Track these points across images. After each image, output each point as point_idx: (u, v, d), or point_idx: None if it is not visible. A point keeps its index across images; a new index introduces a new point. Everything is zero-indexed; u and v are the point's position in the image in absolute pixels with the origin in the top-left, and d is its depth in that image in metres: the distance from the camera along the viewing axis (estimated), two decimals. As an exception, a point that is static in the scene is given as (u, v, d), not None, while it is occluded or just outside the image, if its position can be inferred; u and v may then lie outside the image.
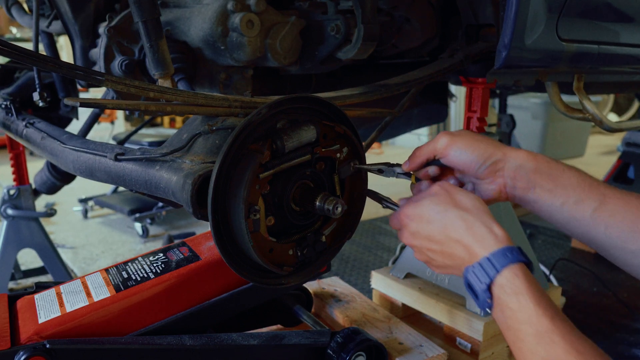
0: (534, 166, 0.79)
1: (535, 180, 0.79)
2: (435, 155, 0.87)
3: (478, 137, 0.83)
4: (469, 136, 0.84)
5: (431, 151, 0.86)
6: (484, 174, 0.83)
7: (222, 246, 0.85)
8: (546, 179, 0.78)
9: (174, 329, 1.07)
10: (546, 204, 0.79)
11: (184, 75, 1.25)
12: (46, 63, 0.81)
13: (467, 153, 0.82)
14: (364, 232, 3.06)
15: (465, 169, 0.84)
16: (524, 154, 0.81)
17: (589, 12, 1.30)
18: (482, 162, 0.82)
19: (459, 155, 0.83)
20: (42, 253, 2.07)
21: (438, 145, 0.85)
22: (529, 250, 1.60)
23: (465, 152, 0.82)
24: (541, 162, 0.79)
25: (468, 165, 0.83)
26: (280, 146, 0.85)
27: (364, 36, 1.21)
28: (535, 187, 0.79)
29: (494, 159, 0.81)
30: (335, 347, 1.10)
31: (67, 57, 4.82)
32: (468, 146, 0.82)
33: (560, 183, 0.77)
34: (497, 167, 0.81)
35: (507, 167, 0.81)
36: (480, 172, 0.83)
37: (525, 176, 0.80)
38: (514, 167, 0.80)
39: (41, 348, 0.90)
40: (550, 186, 0.78)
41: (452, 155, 0.84)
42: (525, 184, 0.80)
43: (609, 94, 6.06)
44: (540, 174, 0.79)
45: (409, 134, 5.88)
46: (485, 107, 1.54)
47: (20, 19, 1.77)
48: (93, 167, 1.05)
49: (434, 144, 0.86)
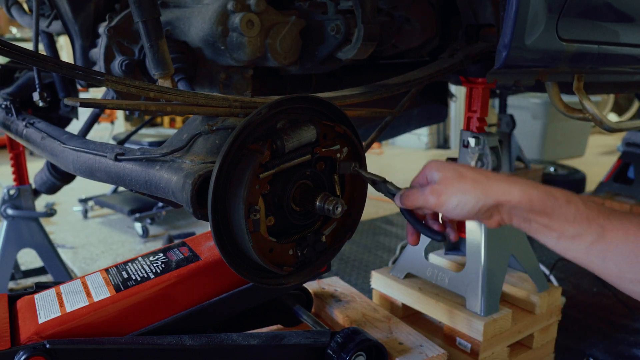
0: (528, 206, 0.78)
1: (531, 217, 0.79)
2: (428, 208, 0.87)
3: (465, 186, 0.81)
4: (454, 191, 0.82)
5: (423, 205, 0.86)
6: (480, 219, 0.84)
7: (222, 246, 0.85)
8: (541, 215, 0.78)
9: (174, 329, 1.06)
10: (542, 237, 0.79)
11: (184, 75, 1.25)
12: (46, 63, 0.81)
13: (457, 210, 0.82)
14: (364, 232, 3.06)
15: (460, 220, 0.86)
16: (517, 194, 0.79)
17: (589, 12, 1.30)
18: (475, 214, 0.82)
19: (451, 212, 0.83)
20: (42, 253, 2.07)
21: (429, 203, 0.84)
22: (529, 250, 1.60)
23: (455, 209, 0.82)
24: (535, 200, 0.78)
25: (462, 218, 0.84)
26: (280, 146, 0.85)
27: (364, 36, 1.21)
28: (530, 222, 0.79)
29: (486, 208, 0.81)
30: (335, 347, 1.10)
31: (67, 57, 4.82)
32: (456, 204, 0.81)
33: (557, 218, 0.77)
34: (492, 211, 0.82)
35: (502, 211, 0.81)
36: (477, 219, 0.84)
37: (520, 215, 0.80)
38: (508, 209, 0.80)
39: (41, 348, 0.90)
40: (545, 221, 0.78)
41: (444, 212, 0.84)
42: (521, 220, 0.80)
43: (609, 94, 6.06)
44: (535, 212, 0.78)
45: (409, 134, 5.89)
46: (485, 107, 1.54)
47: (20, 19, 1.77)
48: (93, 167, 1.05)
49: (423, 200, 0.85)
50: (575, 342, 1.83)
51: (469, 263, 1.47)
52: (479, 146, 1.49)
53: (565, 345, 1.78)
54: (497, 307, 1.43)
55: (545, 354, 1.61)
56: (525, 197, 0.78)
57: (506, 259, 1.50)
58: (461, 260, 1.69)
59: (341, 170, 0.96)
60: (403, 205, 0.89)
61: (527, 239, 1.62)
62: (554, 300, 1.56)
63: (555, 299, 1.57)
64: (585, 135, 5.32)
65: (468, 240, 1.49)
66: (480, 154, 1.50)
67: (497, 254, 1.46)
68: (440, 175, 0.84)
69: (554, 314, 1.58)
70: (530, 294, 1.53)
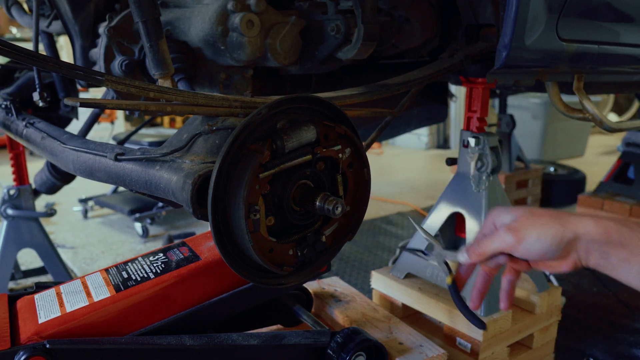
0: (605, 238, 0.77)
1: (609, 251, 0.77)
2: (504, 251, 0.84)
3: (542, 220, 0.80)
4: (532, 225, 0.80)
5: (499, 248, 0.83)
6: (558, 257, 0.81)
7: (222, 246, 0.85)
8: (619, 248, 0.76)
9: (174, 329, 1.06)
10: (622, 271, 0.77)
11: (184, 75, 1.25)
12: (46, 63, 0.81)
13: (538, 245, 0.79)
14: (364, 232, 3.06)
15: (539, 259, 0.82)
16: (593, 226, 0.78)
17: (589, 12, 1.30)
18: (555, 249, 0.79)
19: (530, 249, 0.80)
20: (42, 253, 2.07)
21: (506, 244, 0.82)
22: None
23: (536, 245, 0.79)
24: (612, 231, 0.76)
25: (541, 256, 0.81)
26: (280, 146, 0.85)
27: (364, 36, 1.21)
28: (609, 257, 0.77)
29: (565, 241, 0.79)
30: (335, 347, 1.10)
31: (67, 57, 4.82)
32: (537, 238, 0.79)
33: (636, 250, 0.75)
34: (570, 248, 0.79)
35: (580, 244, 0.79)
36: (554, 257, 0.81)
37: (598, 249, 0.78)
38: (586, 242, 0.78)
39: (41, 348, 0.90)
40: (624, 255, 0.76)
41: (522, 250, 0.81)
42: (598, 256, 0.78)
43: (609, 94, 6.06)
44: (613, 245, 0.76)
45: (409, 134, 5.89)
46: (485, 107, 1.54)
47: (20, 19, 1.77)
48: (93, 167, 1.05)
49: (499, 242, 0.82)
50: (575, 342, 1.83)
51: (469, 263, 1.46)
52: (479, 146, 1.49)
53: (565, 345, 1.78)
54: (497, 307, 1.43)
55: (545, 354, 1.61)
56: (601, 229, 0.77)
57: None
58: (461, 260, 1.69)
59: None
60: (472, 257, 0.86)
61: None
62: (554, 300, 1.56)
63: (555, 299, 1.57)
64: (585, 135, 5.32)
65: (468, 240, 1.49)
66: (480, 154, 1.50)
67: (497, 254, 1.46)
68: (512, 215, 0.83)
69: (554, 314, 1.58)
70: (530, 294, 1.53)
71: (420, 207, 3.57)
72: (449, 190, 1.60)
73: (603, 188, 2.83)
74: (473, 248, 0.86)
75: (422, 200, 3.77)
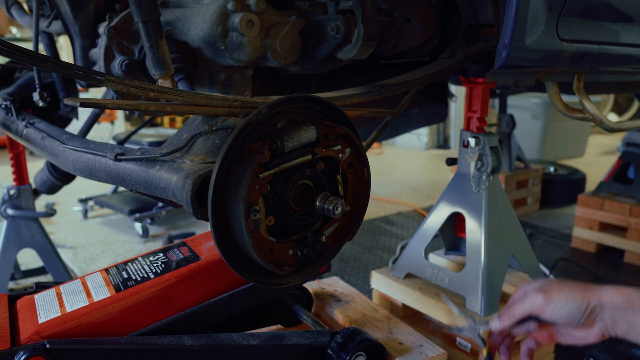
0: (628, 305, 0.80)
1: (636, 320, 0.80)
2: (532, 313, 0.89)
3: (569, 287, 0.85)
4: (560, 288, 0.86)
5: (527, 311, 0.88)
6: (583, 323, 0.85)
7: (222, 246, 0.85)
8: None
9: (174, 329, 1.06)
10: None
11: (184, 75, 1.25)
12: (46, 63, 0.81)
13: (566, 307, 0.84)
14: (364, 232, 3.06)
15: (565, 322, 0.86)
16: (617, 294, 0.81)
17: (589, 12, 1.30)
18: (581, 313, 0.83)
19: (558, 310, 0.85)
20: (42, 253, 2.07)
21: (535, 304, 0.87)
22: (529, 250, 1.60)
23: (564, 307, 0.84)
24: (634, 299, 0.80)
25: (568, 319, 0.85)
26: (280, 146, 0.85)
27: (364, 36, 1.21)
28: (637, 325, 0.80)
29: (591, 306, 0.83)
30: (335, 347, 1.10)
31: (67, 57, 4.82)
32: (565, 300, 0.84)
33: None
34: (595, 313, 0.83)
35: (605, 312, 0.82)
36: (580, 322, 0.85)
37: (624, 317, 0.81)
38: (611, 310, 0.82)
39: (41, 348, 0.90)
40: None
41: (550, 311, 0.86)
42: (625, 325, 0.81)
43: (609, 94, 6.06)
44: (637, 311, 0.79)
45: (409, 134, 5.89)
46: (485, 107, 1.54)
47: (20, 19, 1.77)
48: (93, 167, 1.05)
49: (529, 303, 0.88)
50: (575, 342, 1.83)
51: (469, 263, 1.47)
52: (479, 146, 1.49)
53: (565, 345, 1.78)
54: (497, 307, 1.43)
55: (545, 354, 1.61)
56: (623, 296, 0.81)
57: (506, 259, 1.50)
58: (461, 260, 1.69)
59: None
60: (503, 321, 0.91)
61: (527, 239, 1.62)
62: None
63: (555, 299, 1.57)
64: (585, 135, 5.32)
65: (468, 240, 1.49)
66: (480, 154, 1.50)
67: (497, 254, 1.46)
68: (542, 282, 0.89)
69: (554, 314, 1.58)
70: (530, 294, 1.53)
71: (420, 207, 3.57)
72: (449, 190, 1.60)
73: (603, 188, 2.83)
74: (504, 312, 0.91)
75: (422, 200, 3.77)
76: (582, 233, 2.78)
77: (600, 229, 2.71)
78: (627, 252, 2.60)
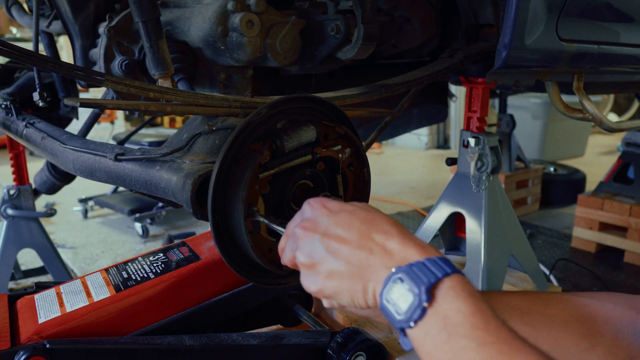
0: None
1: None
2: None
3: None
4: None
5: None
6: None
7: (221, 246, 0.85)
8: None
9: (174, 329, 1.07)
10: None
11: (184, 75, 1.25)
12: (46, 63, 0.81)
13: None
14: (364, 232, 3.05)
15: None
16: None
17: (589, 12, 1.30)
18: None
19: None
20: (42, 253, 2.07)
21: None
22: (529, 250, 1.60)
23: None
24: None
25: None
26: (280, 146, 0.85)
27: (364, 36, 1.21)
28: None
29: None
30: (335, 347, 1.10)
31: (67, 57, 4.82)
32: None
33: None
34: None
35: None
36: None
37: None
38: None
39: (41, 348, 0.90)
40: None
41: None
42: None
43: (609, 94, 6.06)
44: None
45: (409, 134, 5.89)
46: (485, 107, 1.54)
47: (20, 19, 1.77)
48: (93, 167, 1.05)
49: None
50: (575, 342, 1.83)
51: (469, 263, 1.47)
52: (479, 146, 1.49)
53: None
54: (497, 307, 1.43)
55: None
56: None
57: (506, 259, 1.50)
58: (461, 260, 1.69)
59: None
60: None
61: (527, 239, 1.62)
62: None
63: (555, 299, 1.57)
64: (585, 135, 5.32)
65: (468, 240, 1.49)
66: (480, 154, 1.50)
67: (497, 254, 1.46)
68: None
69: (554, 314, 1.58)
70: (530, 294, 1.53)
71: (420, 207, 3.57)
72: (449, 190, 1.60)
73: (603, 188, 2.83)
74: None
75: (422, 200, 3.77)
76: (582, 233, 2.78)
77: (600, 229, 2.71)
78: (627, 252, 2.60)
